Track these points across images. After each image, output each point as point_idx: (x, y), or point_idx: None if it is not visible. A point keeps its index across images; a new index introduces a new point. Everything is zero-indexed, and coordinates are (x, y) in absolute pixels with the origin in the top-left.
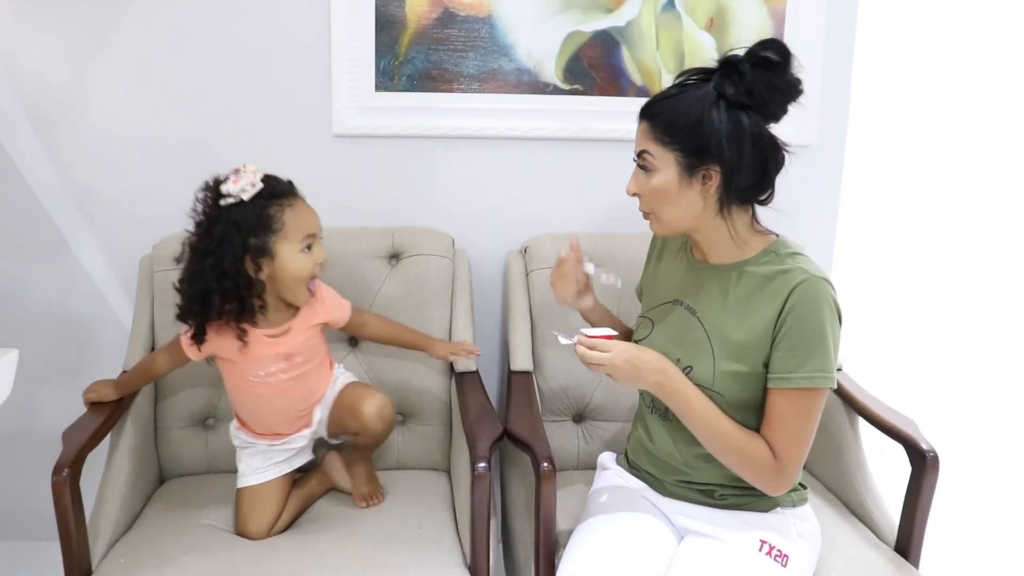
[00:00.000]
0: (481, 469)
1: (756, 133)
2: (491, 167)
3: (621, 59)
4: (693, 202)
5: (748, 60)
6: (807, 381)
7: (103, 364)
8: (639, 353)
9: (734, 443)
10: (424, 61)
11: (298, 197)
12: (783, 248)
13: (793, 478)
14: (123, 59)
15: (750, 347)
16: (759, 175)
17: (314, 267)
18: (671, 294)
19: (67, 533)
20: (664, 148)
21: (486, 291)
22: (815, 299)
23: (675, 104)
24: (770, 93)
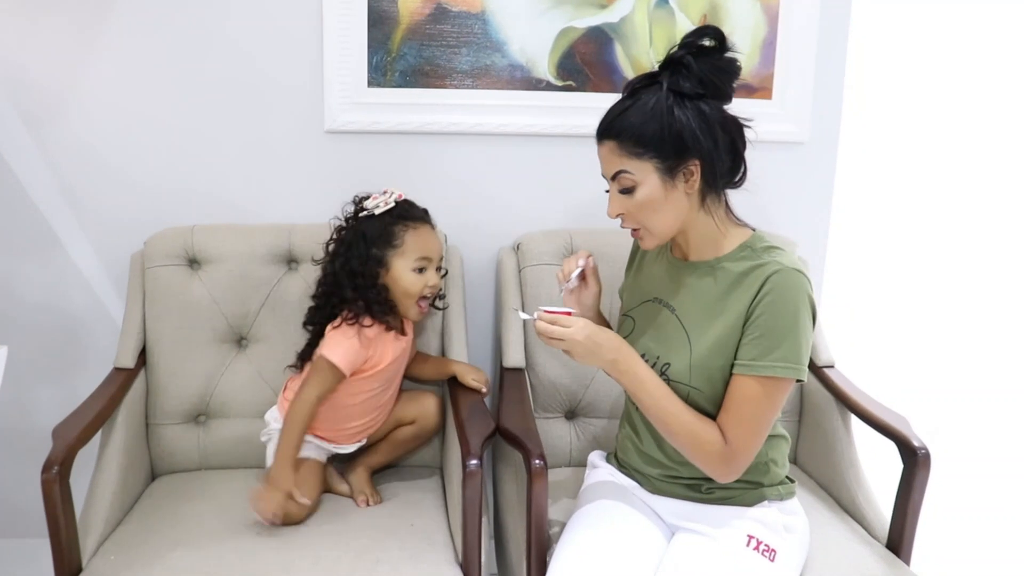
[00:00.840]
0: (473, 466)
1: (720, 118)
2: (484, 163)
3: (614, 55)
4: (680, 202)
5: (689, 52)
6: (769, 370)
7: (94, 361)
8: (597, 331)
9: (684, 425)
10: (417, 57)
11: (426, 223)
12: (759, 243)
13: (743, 466)
14: (114, 55)
15: (726, 342)
16: (733, 155)
17: (423, 288)
18: (652, 292)
19: (57, 530)
20: (639, 160)
21: (479, 288)
22: (786, 289)
23: (635, 115)
24: (719, 76)
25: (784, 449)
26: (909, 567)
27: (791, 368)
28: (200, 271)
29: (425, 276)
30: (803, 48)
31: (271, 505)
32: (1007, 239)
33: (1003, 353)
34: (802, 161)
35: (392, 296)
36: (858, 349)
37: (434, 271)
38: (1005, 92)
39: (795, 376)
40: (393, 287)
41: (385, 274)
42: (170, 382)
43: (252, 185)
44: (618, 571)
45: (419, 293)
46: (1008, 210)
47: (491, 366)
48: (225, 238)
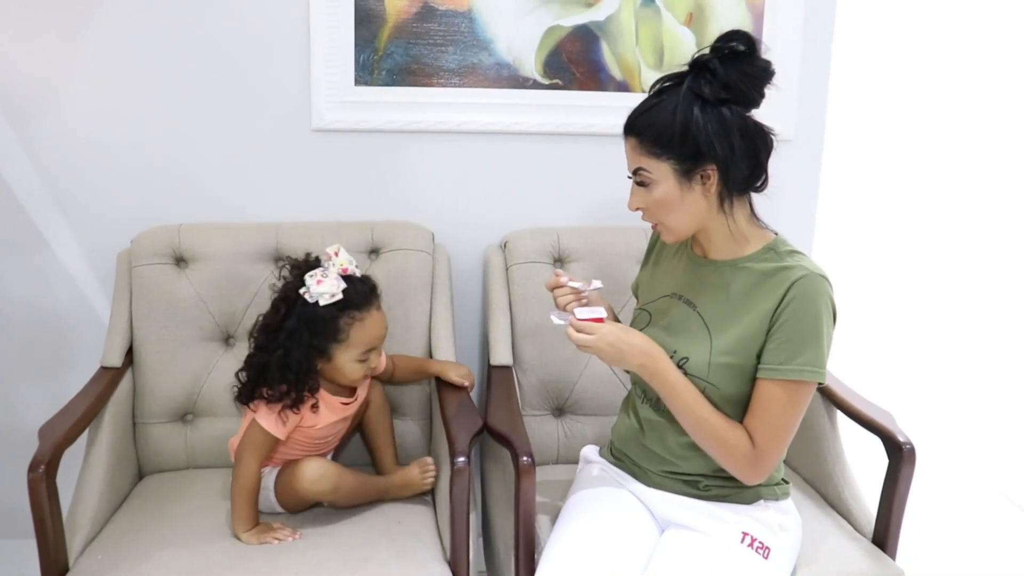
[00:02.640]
0: (460, 463)
1: (741, 124)
2: (471, 162)
3: (601, 54)
4: (697, 204)
5: (717, 56)
6: (796, 374)
7: (80, 360)
8: (624, 336)
9: (714, 429)
10: (404, 55)
11: (372, 308)
12: (783, 246)
13: (770, 468)
14: (100, 52)
15: (747, 340)
16: (753, 163)
17: (365, 371)
18: (670, 288)
19: (43, 530)
20: (657, 160)
21: (466, 286)
22: (813, 295)
23: (657, 115)
24: (746, 82)
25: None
26: (895, 561)
27: (816, 372)
28: (187, 270)
29: (369, 361)
30: (788, 46)
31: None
32: (992, 235)
33: (989, 348)
34: (788, 158)
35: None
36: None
37: (377, 353)
38: (989, 89)
39: (819, 380)
40: (332, 374)
41: (326, 363)
42: (157, 381)
43: (239, 184)
44: (608, 565)
45: (361, 378)
46: (993, 206)
47: (478, 364)
48: (212, 237)
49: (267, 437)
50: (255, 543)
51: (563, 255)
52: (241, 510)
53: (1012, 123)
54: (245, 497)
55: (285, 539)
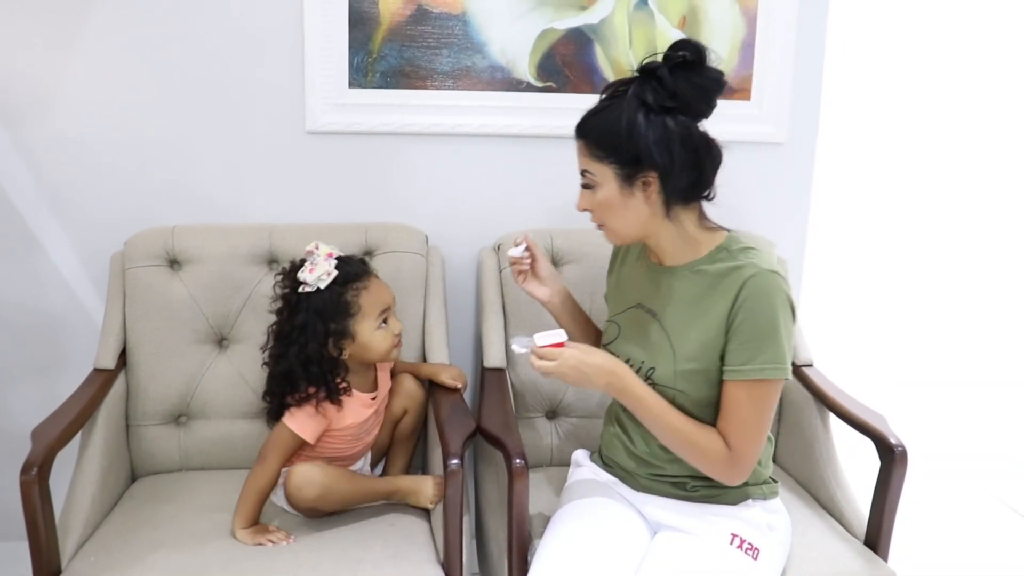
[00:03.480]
0: (454, 466)
1: (684, 134)
2: (465, 164)
3: (594, 57)
4: (639, 210)
5: (665, 65)
6: (758, 373)
7: (74, 362)
8: (585, 357)
9: (686, 436)
10: (398, 58)
11: (371, 276)
12: (734, 244)
13: (749, 468)
14: (94, 54)
15: (707, 344)
16: (695, 174)
17: (392, 339)
18: (634, 298)
19: (36, 533)
20: (600, 163)
21: (459, 288)
22: (765, 292)
23: (603, 119)
24: (693, 93)
25: (768, 451)
26: (887, 563)
27: (778, 369)
28: (181, 271)
29: (390, 325)
30: (781, 49)
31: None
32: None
33: (981, 350)
34: (781, 162)
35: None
36: (836, 348)
37: (394, 316)
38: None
39: (783, 376)
40: (362, 353)
41: (351, 344)
42: (151, 383)
43: (233, 186)
44: (600, 568)
45: (389, 345)
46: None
47: (472, 366)
48: (206, 238)
49: (294, 439)
50: (249, 543)
51: (556, 257)
52: (245, 507)
53: (1006, 125)
54: (255, 496)
55: (279, 542)
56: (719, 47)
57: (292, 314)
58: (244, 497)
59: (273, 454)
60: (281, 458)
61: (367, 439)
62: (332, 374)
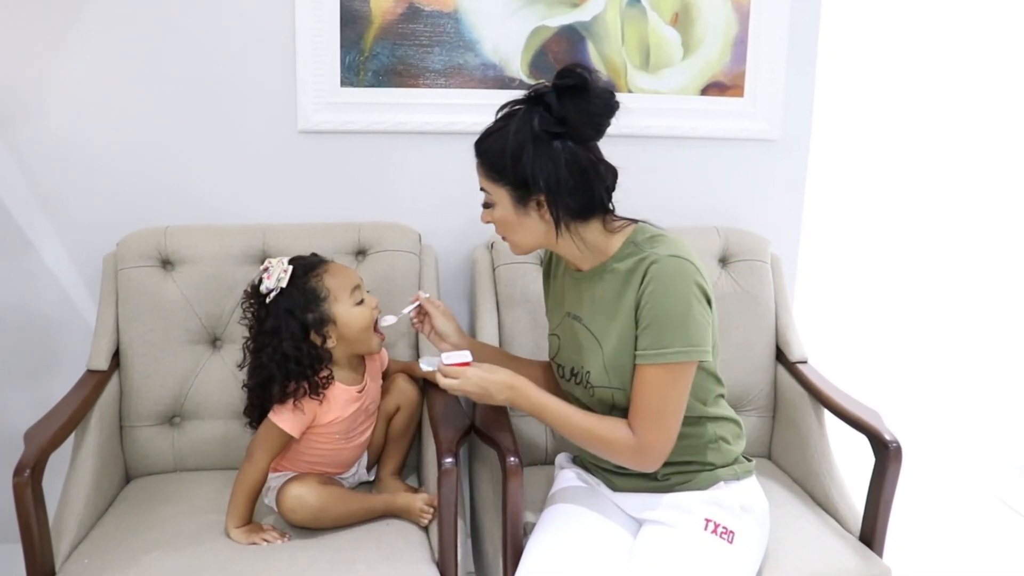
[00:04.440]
0: (448, 464)
1: (571, 159)
2: (458, 162)
3: (587, 54)
4: (535, 226)
5: (553, 91)
6: (660, 357)
7: (67, 363)
8: (486, 375)
9: (590, 431)
10: (389, 56)
11: (328, 262)
12: (641, 235)
13: (658, 454)
14: (85, 54)
15: (626, 338)
16: (585, 197)
17: (373, 313)
18: (565, 307)
19: (29, 535)
20: (495, 184)
21: (453, 286)
22: (666, 276)
23: (496, 141)
24: (581, 119)
25: (734, 430)
26: (882, 559)
27: (681, 352)
28: (173, 272)
29: (367, 301)
30: (774, 46)
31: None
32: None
33: (975, 346)
34: (774, 158)
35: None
36: (831, 344)
37: (368, 293)
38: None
39: (687, 359)
40: (347, 334)
41: (335, 329)
42: (144, 384)
43: (225, 185)
44: (586, 567)
45: (369, 322)
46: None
47: None
48: (199, 239)
49: (280, 434)
50: (243, 542)
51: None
52: (237, 506)
53: (1001, 121)
54: (245, 494)
55: (273, 541)
56: (711, 43)
57: (262, 323)
58: (235, 497)
59: (260, 451)
60: (269, 455)
61: (358, 441)
62: (312, 368)
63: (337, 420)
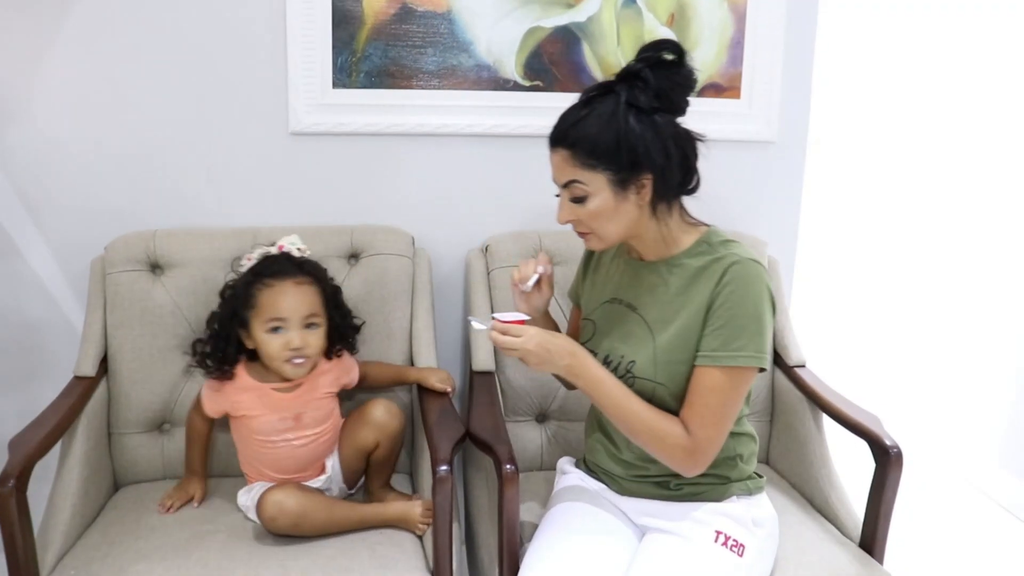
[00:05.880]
0: (443, 472)
1: (673, 132)
2: (451, 165)
3: (582, 55)
4: (630, 213)
5: (648, 65)
6: (731, 360)
7: (53, 369)
8: (550, 337)
9: (645, 422)
10: (382, 57)
11: (286, 280)
12: (715, 237)
13: (708, 458)
14: (72, 56)
15: (688, 335)
16: (685, 168)
17: (282, 350)
18: (610, 293)
19: (13, 546)
20: (592, 172)
21: (447, 290)
22: (747, 280)
23: (590, 127)
24: (675, 91)
25: (751, 447)
26: (882, 566)
27: (753, 357)
28: (162, 276)
29: (284, 336)
30: (770, 47)
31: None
32: (977, 236)
33: (975, 349)
34: (771, 160)
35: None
36: (829, 348)
37: (299, 330)
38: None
39: (757, 365)
40: (258, 348)
41: (247, 336)
42: (132, 390)
43: (215, 188)
44: (587, 573)
45: (279, 356)
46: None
47: (460, 369)
48: (187, 242)
49: (199, 405)
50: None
51: None
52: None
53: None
54: (187, 446)
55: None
56: (708, 45)
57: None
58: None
59: (191, 409)
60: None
61: (298, 443)
62: (222, 351)
63: (255, 417)
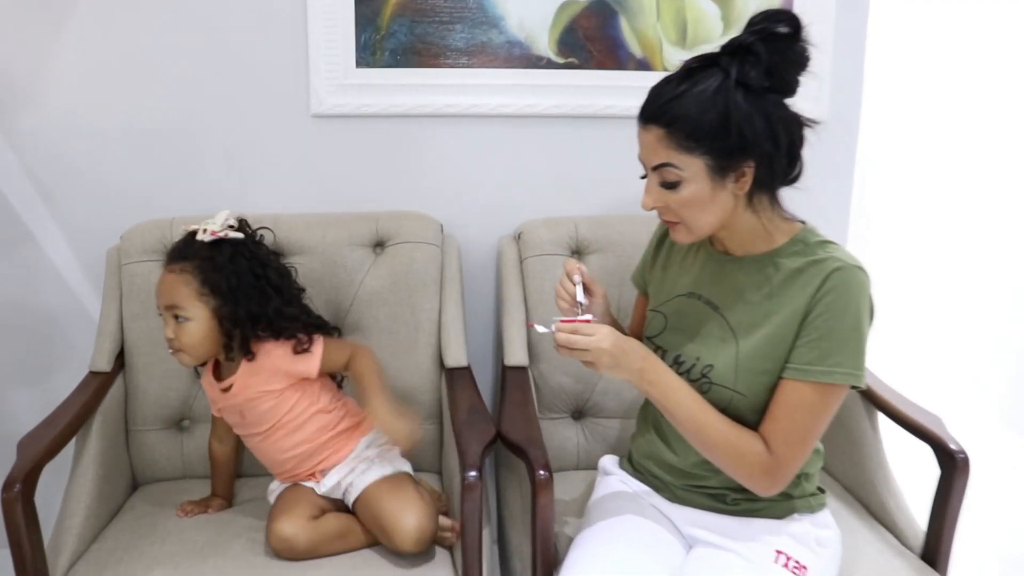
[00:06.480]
0: (471, 479)
1: (783, 115)
2: (481, 147)
3: (619, 30)
4: (726, 203)
5: (760, 38)
6: (827, 375)
7: (70, 360)
8: (620, 339)
9: (723, 436)
10: (408, 34)
11: (167, 265)
12: (812, 237)
13: (788, 479)
14: (86, 38)
15: (777, 343)
16: (792, 155)
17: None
18: (687, 287)
19: (20, 554)
20: (690, 155)
21: (478, 280)
22: (849, 289)
23: (690, 104)
24: (787, 69)
25: (818, 464)
26: None
27: (851, 375)
28: None
29: (166, 325)
30: (821, 19)
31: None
32: None
33: None
34: (820, 141)
35: None
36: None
37: (171, 321)
38: None
39: (854, 383)
40: None
41: None
42: (150, 385)
43: (234, 174)
44: None
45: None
46: None
47: (492, 364)
48: None
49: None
50: None
51: (581, 246)
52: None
53: None
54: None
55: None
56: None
57: None
58: None
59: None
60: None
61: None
62: None
63: (212, 403)
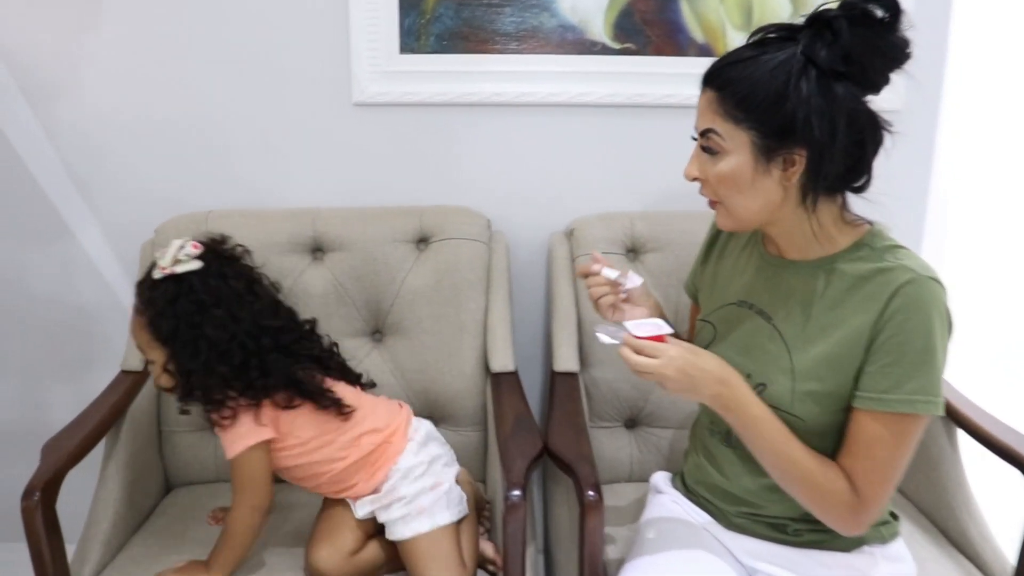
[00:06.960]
0: (515, 498)
1: (852, 108)
2: (531, 138)
3: (679, 13)
4: (770, 192)
5: (846, 16)
6: (905, 405)
7: (106, 355)
8: (695, 360)
9: (806, 473)
10: (454, 18)
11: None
12: (879, 240)
13: (874, 518)
14: (120, 27)
15: (839, 362)
16: (854, 159)
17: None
18: (737, 294)
19: (41, 563)
20: (736, 126)
21: (527, 279)
22: (923, 305)
23: (751, 71)
24: (871, 57)
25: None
26: None
27: (931, 403)
28: None
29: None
30: None
31: None
32: None
33: None
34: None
35: None
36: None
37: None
38: None
39: (935, 412)
40: None
41: None
42: None
43: (273, 166)
44: None
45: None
46: None
47: (541, 369)
48: (243, 224)
49: None
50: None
51: (637, 244)
52: None
53: None
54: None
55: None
56: None
57: None
58: None
59: None
60: None
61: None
62: None
63: None
